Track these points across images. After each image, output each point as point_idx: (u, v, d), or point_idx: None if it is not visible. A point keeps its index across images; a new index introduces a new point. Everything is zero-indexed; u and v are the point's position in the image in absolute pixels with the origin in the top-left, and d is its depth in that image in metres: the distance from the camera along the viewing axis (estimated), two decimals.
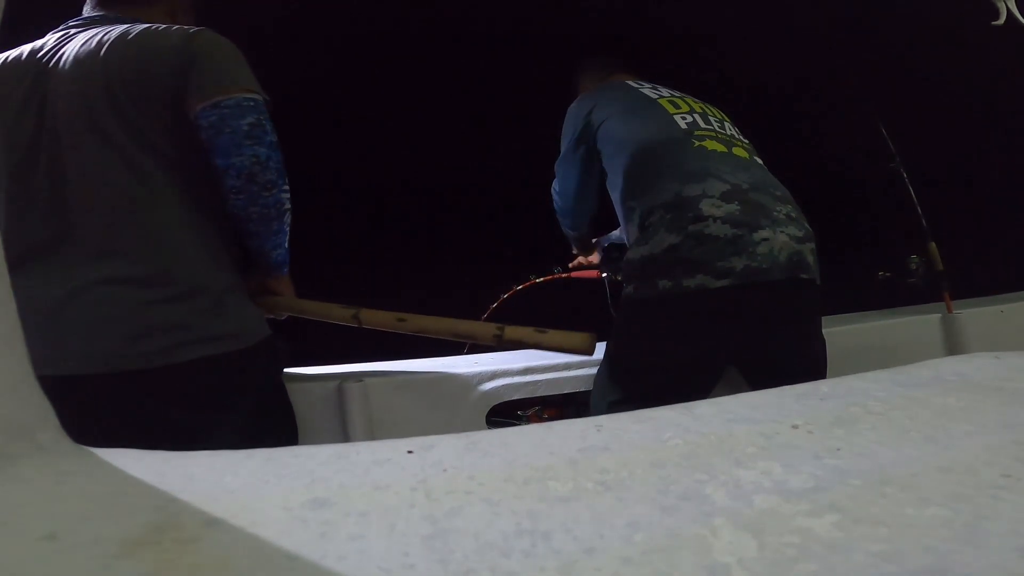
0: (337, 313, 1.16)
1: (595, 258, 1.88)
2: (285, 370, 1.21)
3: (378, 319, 1.15)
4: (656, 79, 1.57)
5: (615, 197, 1.41)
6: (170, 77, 1.00)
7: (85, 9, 1.15)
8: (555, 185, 1.57)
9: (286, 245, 1.13)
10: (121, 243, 0.97)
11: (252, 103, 1.01)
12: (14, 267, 0.94)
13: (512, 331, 1.08)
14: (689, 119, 1.36)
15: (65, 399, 0.85)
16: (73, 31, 1.08)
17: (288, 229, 1.11)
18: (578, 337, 1.04)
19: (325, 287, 1.24)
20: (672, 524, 0.35)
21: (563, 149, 1.49)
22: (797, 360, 1.27)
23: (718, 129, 1.37)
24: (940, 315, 1.75)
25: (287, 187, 1.06)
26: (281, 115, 1.09)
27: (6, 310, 0.45)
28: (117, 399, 0.93)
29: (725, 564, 0.31)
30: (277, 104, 1.08)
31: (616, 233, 1.82)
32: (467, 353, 1.63)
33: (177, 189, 1.02)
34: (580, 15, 2.23)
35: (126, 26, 1.07)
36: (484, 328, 1.12)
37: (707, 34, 2.30)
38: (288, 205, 1.07)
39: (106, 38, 1.03)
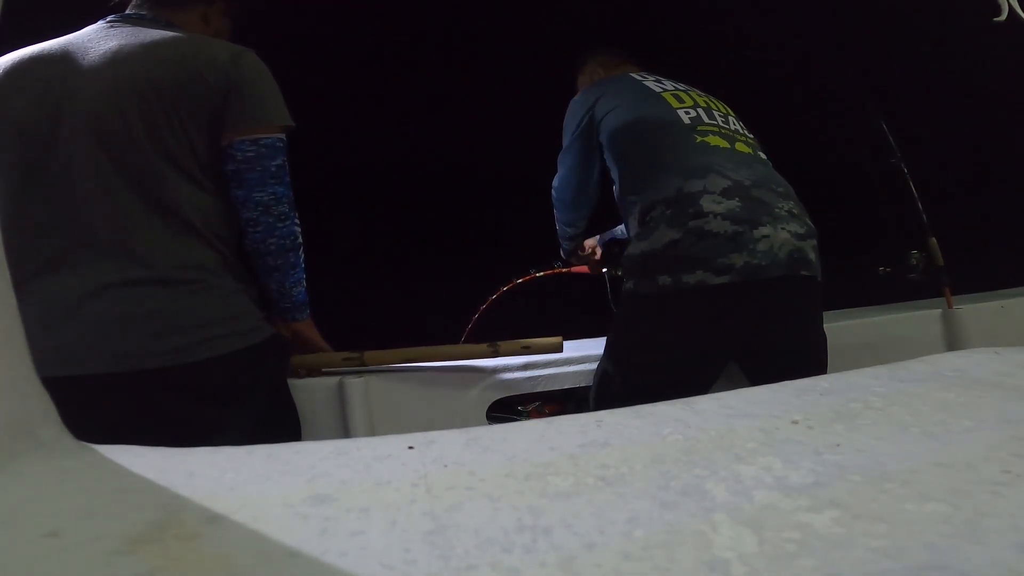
0: (343, 360, 1.24)
1: (593, 250, 1.87)
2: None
3: (382, 358, 1.26)
4: (660, 72, 1.56)
5: (616, 191, 1.40)
6: (210, 94, 1.02)
7: (129, 8, 1.15)
8: (555, 181, 1.56)
9: (305, 284, 1.14)
10: (136, 246, 0.97)
11: (282, 143, 1.07)
12: (33, 271, 0.95)
13: (504, 346, 1.30)
14: (693, 113, 1.36)
15: (82, 399, 0.85)
16: (111, 28, 1.08)
17: (304, 267, 1.13)
18: (553, 341, 1.32)
19: (324, 287, 1.24)
20: (672, 519, 0.35)
21: (565, 143, 1.47)
22: (797, 355, 1.27)
23: (722, 124, 1.37)
24: (940, 310, 1.75)
25: (298, 221, 1.10)
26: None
27: (6, 308, 0.45)
28: (135, 397, 0.93)
29: (725, 559, 0.31)
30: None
31: (620, 229, 1.81)
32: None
33: (191, 197, 1.02)
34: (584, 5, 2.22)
35: (165, 31, 1.08)
36: (480, 348, 1.29)
37: (712, 28, 2.30)
38: (301, 240, 1.10)
39: (146, 41, 1.03)
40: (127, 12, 1.13)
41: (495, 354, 1.28)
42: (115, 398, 0.92)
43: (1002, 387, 0.58)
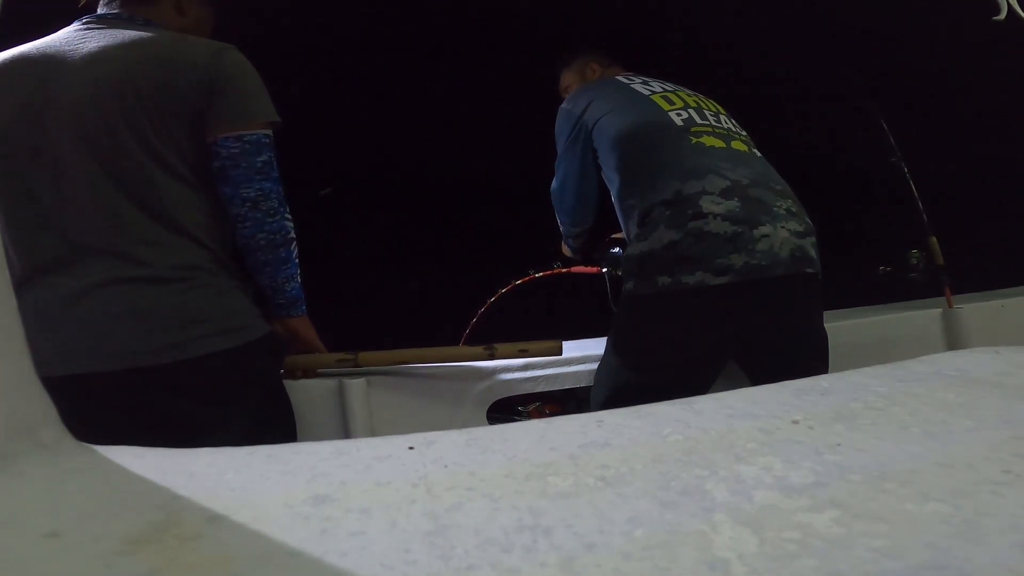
0: (337, 361, 1.23)
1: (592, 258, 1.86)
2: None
3: (377, 359, 1.25)
4: (649, 72, 1.56)
5: (614, 195, 1.40)
6: (192, 95, 1.01)
7: (99, 7, 1.13)
8: (554, 185, 1.56)
9: (299, 279, 1.13)
10: (128, 249, 0.97)
11: (268, 139, 1.06)
12: (26, 277, 0.95)
13: (501, 349, 1.28)
14: (684, 115, 1.36)
15: (78, 398, 0.85)
16: (87, 30, 1.07)
17: (297, 262, 1.12)
18: (552, 345, 1.31)
19: (321, 287, 1.24)
20: (672, 519, 0.35)
21: (560, 149, 1.48)
22: (798, 355, 1.27)
23: (714, 123, 1.37)
24: (940, 310, 1.75)
25: (289, 216, 1.09)
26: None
27: (6, 308, 0.45)
28: (130, 396, 0.94)
29: (725, 559, 0.31)
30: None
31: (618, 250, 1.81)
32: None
33: (181, 198, 1.02)
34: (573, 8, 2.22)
35: (144, 31, 1.07)
36: (477, 351, 1.28)
37: (709, 28, 2.30)
38: (293, 235, 1.09)
39: (125, 42, 1.03)
40: (101, 12, 1.11)
41: (492, 357, 1.28)
42: (109, 396, 0.93)
43: (1002, 387, 0.58)
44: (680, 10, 2.22)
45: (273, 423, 1.10)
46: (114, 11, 1.11)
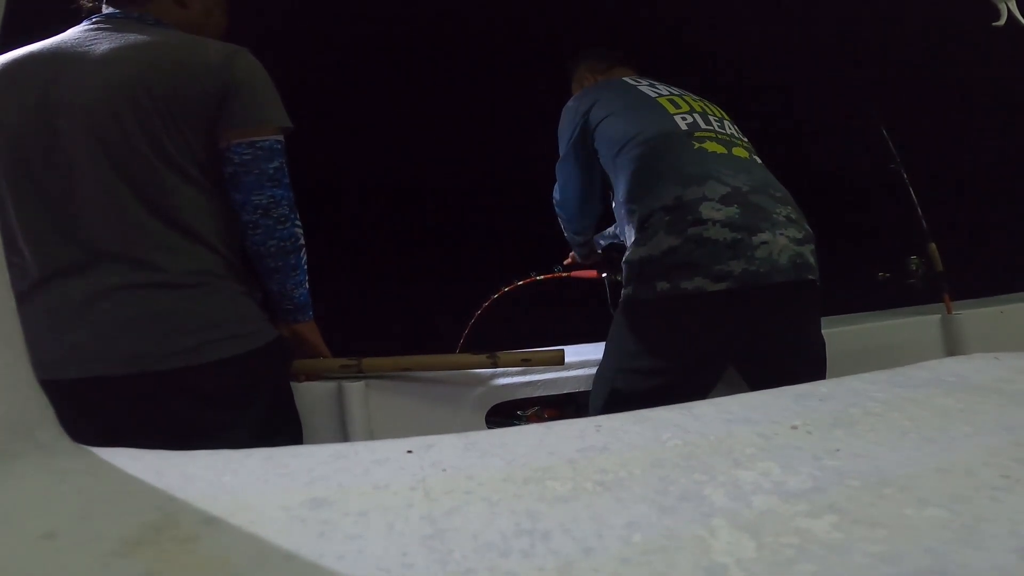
0: (340, 367, 1.24)
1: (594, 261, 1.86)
2: None
3: (380, 365, 1.26)
4: (655, 75, 1.56)
5: (614, 198, 1.40)
6: (204, 98, 1.01)
7: (103, 7, 1.11)
8: (556, 191, 1.56)
9: (307, 285, 1.14)
10: (141, 254, 0.97)
11: (280, 145, 1.06)
12: (42, 280, 0.94)
13: (504, 357, 1.29)
14: (689, 119, 1.35)
15: (90, 401, 0.84)
16: (97, 30, 1.05)
17: (306, 268, 1.12)
18: (554, 354, 1.32)
19: (323, 290, 1.24)
20: (671, 524, 0.35)
21: (561, 151, 1.47)
22: (796, 361, 1.27)
23: (718, 129, 1.37)
24: (940, 316, 1.75)
25: (300, 224, 1.09)
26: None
27: (5, 309, 0.45)
28: (141, 399, 0.93)
29: (723, 565, 0.31)
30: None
31: (610, 230, 1.81)
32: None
33: (193, 202, 1.02)
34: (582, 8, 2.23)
35: (155, 31, 1.06)
36: (479, 358, 1.28)
37: (711, 33, 2.30)
38: (302, 241, 1.09)
39: (137, 44, 1.02)
40: (109, 12, 1.09)
41: (494, 365, 1.28)
42: (122, 400, 0.92)
43: (1001, 393, 0.58)
44: (683, 15, 2.23)
45: (281, 427, 1.10)
46: (120, 10, 1.09)
